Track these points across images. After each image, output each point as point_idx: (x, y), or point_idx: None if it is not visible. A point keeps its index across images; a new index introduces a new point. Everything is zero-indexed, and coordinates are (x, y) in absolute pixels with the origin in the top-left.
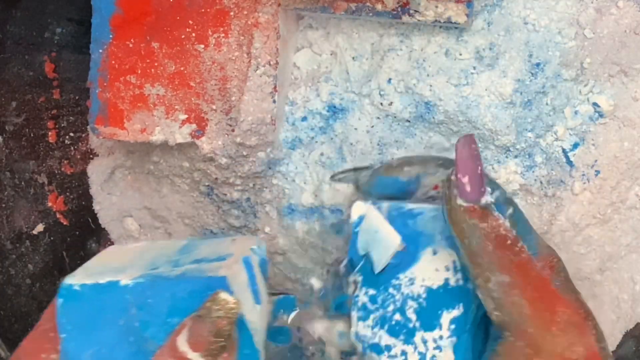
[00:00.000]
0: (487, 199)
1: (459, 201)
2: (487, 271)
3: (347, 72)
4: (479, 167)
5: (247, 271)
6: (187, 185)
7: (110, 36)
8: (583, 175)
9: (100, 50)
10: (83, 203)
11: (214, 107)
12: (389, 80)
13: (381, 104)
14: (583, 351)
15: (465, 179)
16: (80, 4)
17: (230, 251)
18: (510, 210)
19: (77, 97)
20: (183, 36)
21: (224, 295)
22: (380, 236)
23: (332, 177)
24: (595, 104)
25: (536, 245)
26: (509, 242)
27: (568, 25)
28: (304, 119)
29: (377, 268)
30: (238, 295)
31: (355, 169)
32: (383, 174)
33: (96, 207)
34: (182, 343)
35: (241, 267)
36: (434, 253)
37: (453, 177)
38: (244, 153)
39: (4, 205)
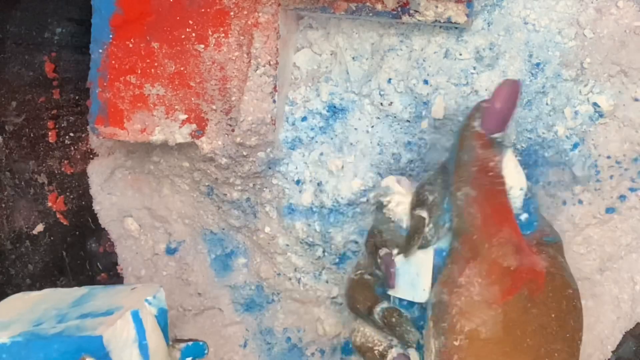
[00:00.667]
0: (498, 136)
1: (476, 123)
2: (461, 182)
3: (347, 72)
4: (512, 107)
5: (135, 326)
6: (187, 185)
7: (110, 36)
8: (583, 175)
9: (100, 50)
10: (83, 203)
11: (214, 107)
12: (389, 80)
13: (381, 104)
14: (517, 263)
15: (494, 110)
16: (80, 4)
17: (121, 303)
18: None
19: (77, 97)
20: (183, 36)
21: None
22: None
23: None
24: (595, 104)
25: (541, 220)
26: (491, 173)
27: (568, 25)
28: (304, 119)
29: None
30: (118, 353)
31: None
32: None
33: (96, 207)
34: None
35: (127, 322)
36: None
37: (484, 104)
38: (244, 153)
39: (4, 205)
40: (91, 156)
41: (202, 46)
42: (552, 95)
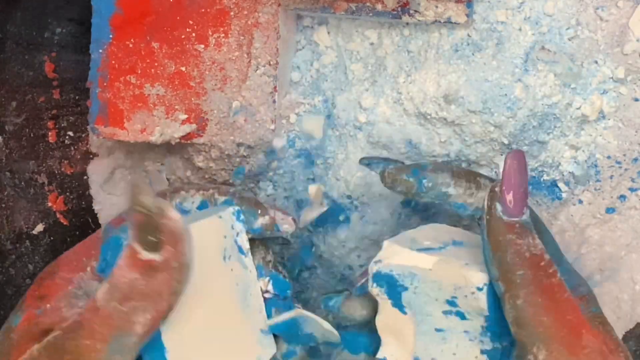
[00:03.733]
0: (527, 216)
1: (500, 214)
2: (517, 288)
3: (347, 72)
4: (525, 184)
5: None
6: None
7: (110, 36)
8: (583, 175)
9: (100, 50)
10: (83, 203)
11: (213, 107)
12: (390, 80)
13: (384, 101)
14: None
15: (510, 195)
16: (80, 4)
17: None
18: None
19: (77, 97)
20: (183, 36)
21: (143, 197)
22: None
23: (361, 160)
24: (595, 104)
25: (568, 272)
26: (542, 262)
27: (568, 24)
28: (304, 119)
29: None
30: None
31: (386, 159)
32: (407, 174)
33: (96, 207)
34: (133, 238)
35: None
36: None
37: (497, 190)
38: (244, 153)
39: (4, 205)
40: (91, 156)
41: (202, 46)
42: (553, 95)
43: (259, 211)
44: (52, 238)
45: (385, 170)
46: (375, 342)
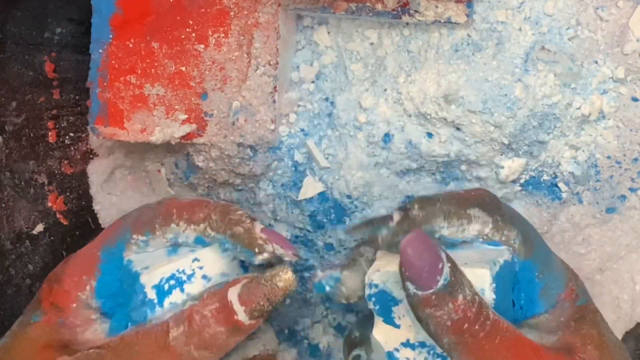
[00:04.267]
0: (442, 282)
1: (414, 291)
2: (450, 354)
3: (347, 72)
4: (431, 257)
5: None
6: (186, 186)
7: (110, 36)
8: (583, 175)
9: (100, 50)
10: (83, 203)
11: (213, 107)
12: (390, 80)
13: (384, 101)
14: None
15: (411, 274)
16: (80, 4)
17: None
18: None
19: (77, 97)
20: (183, 36)
21: (290, 271)
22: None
23: (348, 232)
24: (595, 104)
25: (553, 274)
26: (465, 325)
27: (568, 24)
28: (304, 119)
29: None
30: None
31: (370, 222)
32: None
33: (96, 207)
34: (232, 295)
35: None
36: None
37: (404, 271)
38: (244, 153)
39: (4, 205)
40: (91, 156)
41: (202, 46)
42: (553, 95)
43: (257, 250)
44: (52, 238)
45: (379, 237)
46: None
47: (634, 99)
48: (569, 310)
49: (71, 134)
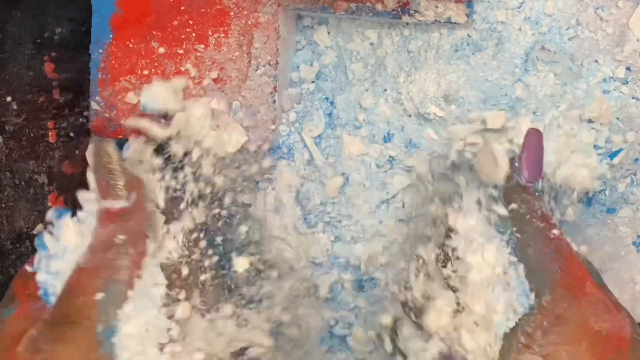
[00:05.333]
0: (540, 187)
1: (518, 180)
2: (529, 238)
3: (347, 71)
4: (541, 157)
5: None
6: None
7: (110, 36)
8: None
9: (100, 50)
10: None
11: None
12: (390, 80)
13: (384, 101)
14: (609, 326)
15: (530, 162)
16: (80, 4)
17: None
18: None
19: (77, 97)
20: (183, 36)
21: (105, 144)
22: None
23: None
24: (594, 105)
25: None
26: (552, 221)
27: (568, 24)
28: (304, 119)
29: None
30: None
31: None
32: None
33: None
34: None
35: None
36: None
37: (517, 159)
38: (244, 154)
39: (4, 205)
40: None
41: (202, 46)
42: (553, 95)
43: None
44: None
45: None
46: None
47: (635, 99)
48: None
49: (71, 134)
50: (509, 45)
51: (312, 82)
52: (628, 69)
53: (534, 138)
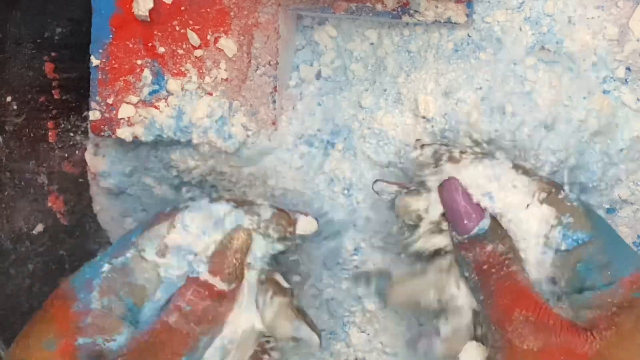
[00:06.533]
0: (477, 229)
1: (454, 237)
2: (474, 290)
3: (347, 72)
4: (462, 204)
5: None
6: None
7: (110, 36)
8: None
9: (100, 50)
10: (83, 203)
11: None
12: (390, 80)
13: (384, 101)
14: (541, 344)
15: (453, 217)
16: (80, 4)
17: None
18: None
19: (77, 97)
20: (183, 36)
21: (241, 231)
22: None
23: (375, 183)
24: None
25: (619, 253)
26: (485, 266)
27: (568, 24)
28: (304, 118)
29: None
30: None
31: (402, 188)
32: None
33: (96, 207)
34: (202, 271)
35: None
36: None
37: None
38: (245, 154)
39: (4, 205)
40: None
41: (202, 46)
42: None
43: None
44: (52, 238)
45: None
46: None
47: (635, 99)
48: (621, 296)
49: (71, 134)
50: (509, 45)
51: (312, 82)
52: (628, 69)
53: (445, 193)
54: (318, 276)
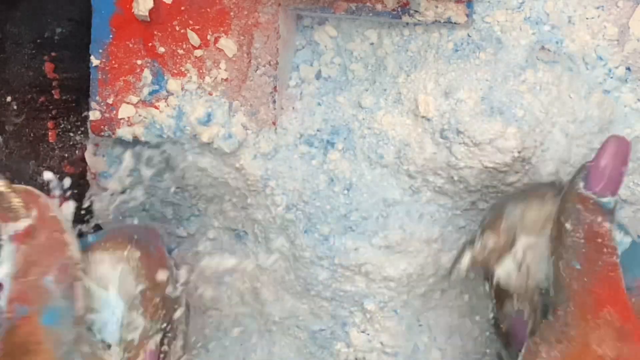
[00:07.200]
0: (608, 202)
1: (580, 185)
2: (564, 251)
3: (347, 72)
4: (623, 168)
5: None
6: None
7: (110, 36)
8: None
9: (100, 50)
10: (83, 203)
11: None
12: (390, 80)
13: (384, 102)
14: (616, 354)
15: (600, 169)
16: (80, 4)
17: None
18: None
19: (77, 97)
20: (183, 36)
21: None
22: None
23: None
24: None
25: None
26: (599, 240)
27: (568, 24)
28: (304, 118)
29: None
30: None
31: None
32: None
33: (96, 207)
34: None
35: None
36: None
37: (589, 163)
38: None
39: None
40: None
41: (202, 46)
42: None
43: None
44: None
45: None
46: None
47: (635, 99)
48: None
49: (71, 134)
50: (509, 45)
51: (312, 82)
52: (628, 69)
53: (612, 148)
54: (317, 276)
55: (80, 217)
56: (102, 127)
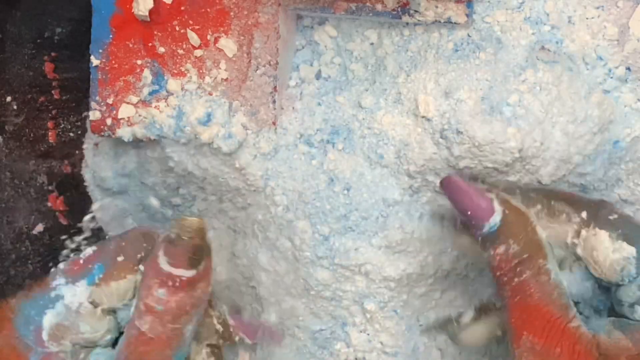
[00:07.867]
0: (485, 228)
1: (463, 232)
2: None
3: (347, 72)
4: (466, 192)
5: None
6: None
7: (110, 36)
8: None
9: (100, 50)
10: (83, 203)
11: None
12: (390, 80)
13: (384, 102)
14: None
15: (462, 215)
16: (80, 4)
17: None
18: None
19: (77, 97)
20: (183, 36)
21: (189, 219)
22: None
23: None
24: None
25: None
26: (498, 272)
27: (568, 24)
28: (304, 118)
29: None
30: None
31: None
32: None
33: (95, 207)
34: (164, 265)
35: None
36: None
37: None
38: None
39: (4, 205)
40: None
41: (202, 46)
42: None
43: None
44: (52, 238)
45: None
46: None
47: (635, 99)
48: None
49: (71, 134)
50: (509, 45)
51: (312, 82)
52: (628, 69)
53: (448, 193)
54: (317, 276)
55: (80, 217)
56: (102, 127)
